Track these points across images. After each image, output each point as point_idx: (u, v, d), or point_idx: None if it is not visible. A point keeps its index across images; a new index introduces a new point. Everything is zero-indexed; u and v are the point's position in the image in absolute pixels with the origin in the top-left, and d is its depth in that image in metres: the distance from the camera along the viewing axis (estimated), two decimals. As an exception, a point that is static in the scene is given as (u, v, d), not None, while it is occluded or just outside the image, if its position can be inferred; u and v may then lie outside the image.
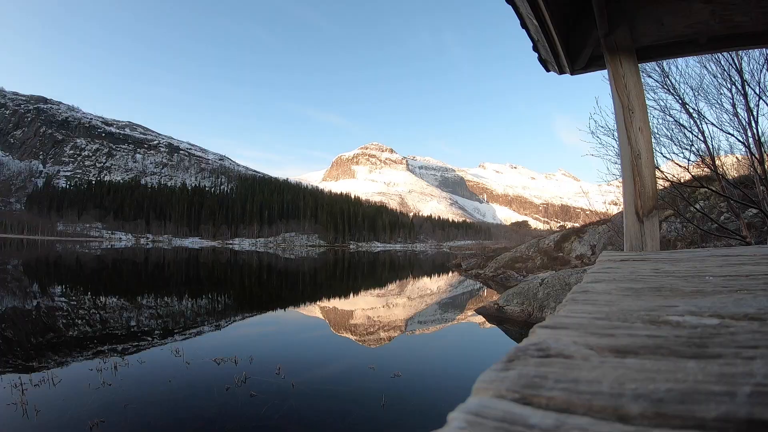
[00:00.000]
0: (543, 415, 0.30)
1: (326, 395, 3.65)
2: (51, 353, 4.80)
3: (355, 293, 12.79)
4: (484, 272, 17.16)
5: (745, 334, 0.48)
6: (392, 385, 3.91)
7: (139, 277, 16.06)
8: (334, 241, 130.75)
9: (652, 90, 6.31)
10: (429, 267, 27.22)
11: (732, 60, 5.68)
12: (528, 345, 0.47)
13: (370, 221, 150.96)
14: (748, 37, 2.74)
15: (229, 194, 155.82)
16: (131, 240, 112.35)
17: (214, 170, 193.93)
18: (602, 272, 1.33)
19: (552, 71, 3.27)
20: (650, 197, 2.53)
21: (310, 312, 8.60)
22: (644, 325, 0.55)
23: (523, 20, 2.56)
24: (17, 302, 8.44)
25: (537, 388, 0.34)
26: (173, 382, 3.88)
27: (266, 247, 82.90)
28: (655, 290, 0.89)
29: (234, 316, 7.72)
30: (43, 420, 3.06)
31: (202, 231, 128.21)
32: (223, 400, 3.48)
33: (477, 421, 0.30)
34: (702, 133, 6.08)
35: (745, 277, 1.05)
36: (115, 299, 9.41)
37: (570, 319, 0.61)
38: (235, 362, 4.53)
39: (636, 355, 0.42)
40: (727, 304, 0.69)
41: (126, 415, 3.15)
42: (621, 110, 2.64)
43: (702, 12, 2.58)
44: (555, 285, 7.56)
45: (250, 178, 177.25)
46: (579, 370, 0.38)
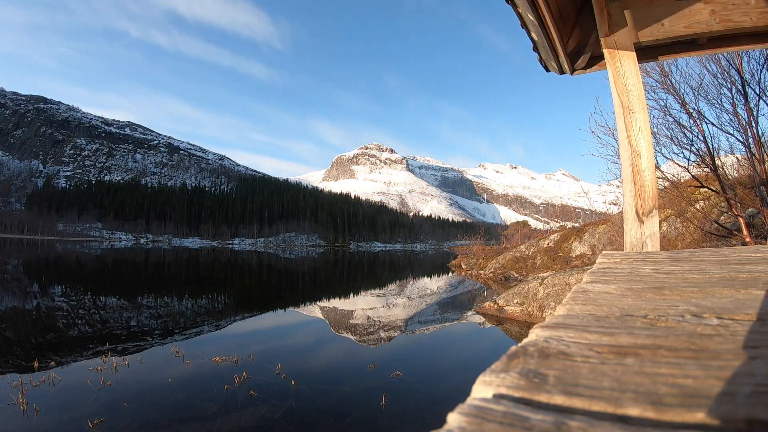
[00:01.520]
0: (543, 415, 0.30)
1: (326, 395, 3.65)
2: (51, 353, 4.80)
3: (355, 293, 12.79)
4: (484, 272, 17.16)
5: (745, 334, 0.48)
6: (392, 385, 3.91)
7: (139, 277, 16.06)
8: (334, 241, 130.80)
9: (652, 90, 6.31)
10: (429, 267, 27.22)
11: (732, 60, 5.67)
12: (528, 345, 0.47)
13: (370, 221, 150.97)
14: (748, 37, 2.74)
15: (229, 194, 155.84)
16: (131, 240, 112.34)
17: (214, 170, 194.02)
18: (602, 272, 1.33)
19: (552, 71, 3.27)
20: (650, 197, 2.53)
21: (310, 312, 8.60)
22: (644, 325, 0.55)
23: (523, 20, 2.56)
24: (17, 302, 8.44)
25: (537, 388, 0.35)
26: (173, 382, 3.88)
27: (266, 247, 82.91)
28: (655, 290, 0.89)
29: (234, 316, 7.72)
30: (43, 420, 3.06)
31: (202, 231, 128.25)
32: (223, 400, 3.48)
33: (477, 420, 0.30)
34: (702, 133, 6.08)
35: (745, 277, 1.05)
36: (115, 299, 9.41)
37: (570, 319, 0.61)
38: (235, 362, 4.53)
39: (636, 355, 0.42)
40: (727, 304, 0.69)
41: (126, 415, 3.15)
42: (621, 110, 2.64)
43: (702, 12, 2.58)
44: (555, 285, 7.56)
45: (250, 178, 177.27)
46: (579, 369, 0.38)
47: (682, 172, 6.82)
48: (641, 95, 2.65)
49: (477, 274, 17.56)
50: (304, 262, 30.28)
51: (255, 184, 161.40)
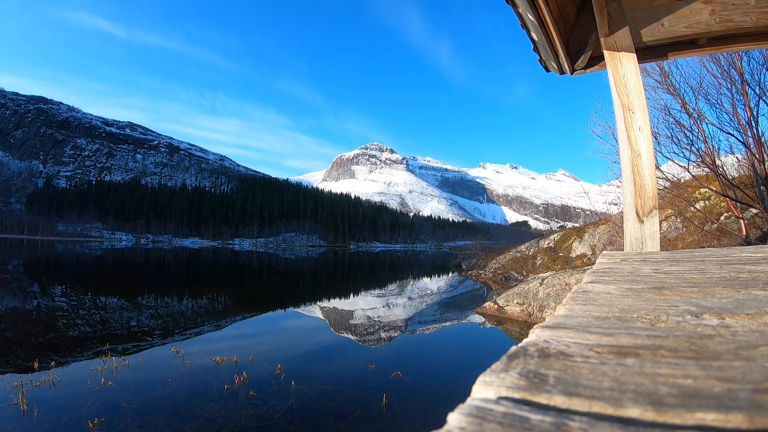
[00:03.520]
0: (543, 415, 0.30)
1: (326, 395, 3.64)
2: (51, 353, 4.80)
3: (355, 293, 12.79)
4: (485, 272, 17.15)
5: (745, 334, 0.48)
6: (392, 385, 3.91)
7: (140, 277, 16.06)
8: (334, 241, 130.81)
9: (652, 90, 6.32)
10: (429, 267, 27.21)
11: (732, 60, 5.68)
12: (528, 345, 0.47)
13: (370, 221, 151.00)
14: (748, 37, 2.74)
15: (229, 194, 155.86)
16: (131, 240, 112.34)
17: (214, 170, 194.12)
18: (602, 272, 1.33)
19: (552, 72, 3.28)
20: (650, 197, 2.53)
21: (310, 312, 8.60)
22: (644, 325, 0.55)
23: (523, 20, 2.56)
24: (17, 302, 8.44)
25: (537, 389, 0.35)
26: (173, 382, 3.88)
27: (266, 247, 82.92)
28: (655, 290, 0.89)
29: (234, 316, 7.72)
30: (43, 420, 3.06)
31: (202, 231, 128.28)
32: (223, 400, 3.48)
33: (477, 421, 0.30)
34: (702, 133, 6.08)
35: (745, 277, 1.05)
36: (115, 299, 9.41)
37: (570, 319, 0.61)
38: (235, 362, 4.53)
39: (636, 355, 0.42)
40: (727, 304, 0.69)
41: (126, 415, 3.15)
42: (621, 110, 2.64)
43: (702, 12, 2.59)
44: (555, 285, 7.56)
45: (250, 178, 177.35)
46: (579, 370, 0.38)
47: (682, 172, 6.83)
48: (641, 95, 2.65)
49: (477, 274, 17.56)
50: (304, 262, 30.28)
51: (255, 185, 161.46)
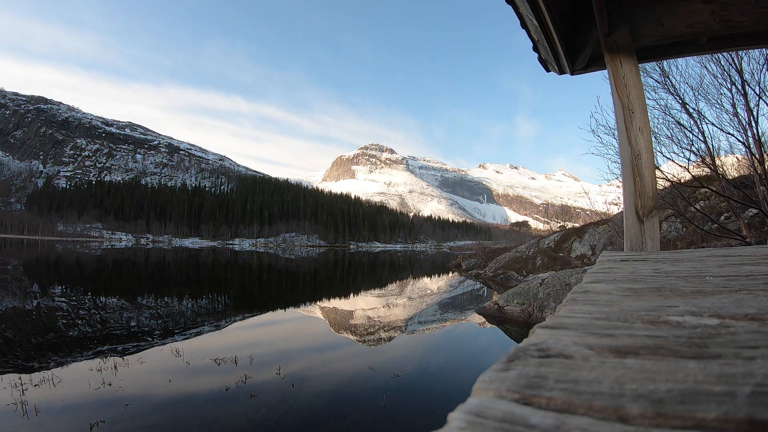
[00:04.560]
0: (543, 416, 0.30)
1: (326, 395, 3.65)
2: (51, 353, 4.80)
3: (355, 293, 12.78)
4: (485, 272, 17.16)
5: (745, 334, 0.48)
6: (392, 386, 3.91)
7: (140, 277, 16.05)
8: (334, 242, 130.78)
9: (652, 90, 6.32)
10: (429, 267, 27.21)
11: (732, 60, 5.68)
12: (528, 345, 0.47)
13: (370, 221, 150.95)
14: (748, 37, 2.74)
15: (229, 194, 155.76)
16: (131, 240, 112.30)
17: (214, 170, 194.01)
18: (602, 272, 1.33)
19: (552, 71, 3.28)
20: (650, 197, 2.53)
21: (310, 312, 8.60)
22: (644, 326, 0.55)
23: (523, 20, 2.56)
24: (17, 302, 8.44)
25: (537, 389, 0.35)
26: (173, 382, 3.88)
27: (266, 248, 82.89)
28: (655, 290, 0.89)
29: (234, 316, 7.72)
30: (43, 420, 3.06)
31: (202, 231, 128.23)
32: (223, 400, 3.48)
33: (477, 421, 0.30)
34: (702, 133, 6.08)
35: (745, 277, 1.05)
36: (115, 299, 9.41)
37: (570, 320, 0.61)
38: (235, 362, 4.53)
39: (636, 355, 0.42)
40: (727, 304, 0.69)
41: (126, 415, 3.15)
42: (621, 110, 2.64)
43: (702, 12, 2.58)
44: (555, 285, 7.56)
45: (250, 178, 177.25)
46: (579, 370, 0.38)
47: (682, 172, 6.82)
48: (641, 95, 2.65)
49: (477, 274, 17.56)
50: (304, 262, 30.28)
51: (255, 185, 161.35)
